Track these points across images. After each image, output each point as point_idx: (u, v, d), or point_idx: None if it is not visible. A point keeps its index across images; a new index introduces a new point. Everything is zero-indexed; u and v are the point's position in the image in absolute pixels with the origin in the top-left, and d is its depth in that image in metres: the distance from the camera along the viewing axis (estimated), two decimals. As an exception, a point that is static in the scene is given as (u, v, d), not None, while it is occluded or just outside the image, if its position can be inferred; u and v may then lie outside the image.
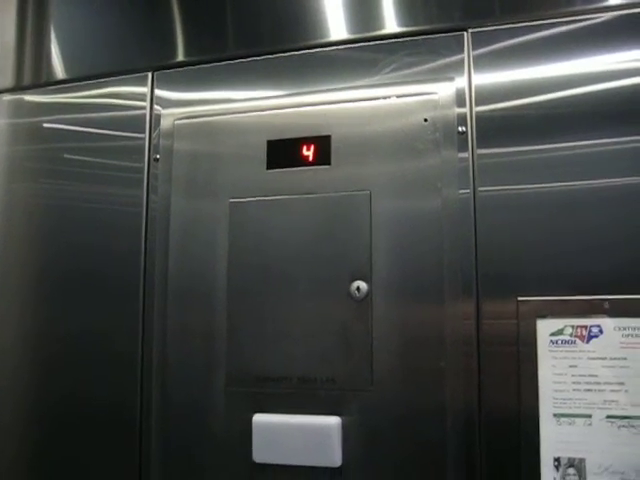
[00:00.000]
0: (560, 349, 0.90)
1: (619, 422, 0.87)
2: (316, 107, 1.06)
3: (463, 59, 1.00)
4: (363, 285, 0.98)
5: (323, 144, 1.04)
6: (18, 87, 1.28)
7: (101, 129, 1.19)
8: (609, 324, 0.89)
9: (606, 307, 0.89)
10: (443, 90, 1.00)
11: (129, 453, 1.08)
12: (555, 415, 0.89)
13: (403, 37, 1.04)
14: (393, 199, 0.99)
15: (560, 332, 0.90)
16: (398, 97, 1.02)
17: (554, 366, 0.90)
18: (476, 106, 0.99)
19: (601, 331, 0.89)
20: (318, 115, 1.05)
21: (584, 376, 0.89)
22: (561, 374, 0.90)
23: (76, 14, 1.26)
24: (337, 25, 1.09)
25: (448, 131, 0.99)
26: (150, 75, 1.17)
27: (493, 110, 0.98)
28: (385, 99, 1.03)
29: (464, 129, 0.98)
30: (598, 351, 0.89)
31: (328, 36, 1.09)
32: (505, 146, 0.97)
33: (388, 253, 0.98)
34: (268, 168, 1.06)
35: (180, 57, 1.17)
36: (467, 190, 0.97)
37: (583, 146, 0.93)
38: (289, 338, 1.01)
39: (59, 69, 1.25)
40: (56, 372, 1.15)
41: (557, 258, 0.92)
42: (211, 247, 1.06)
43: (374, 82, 1.04)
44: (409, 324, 0.96)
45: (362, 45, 1.06)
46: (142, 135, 1.16)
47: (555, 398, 0.89)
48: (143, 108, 1.17)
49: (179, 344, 1.06)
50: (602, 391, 0.88)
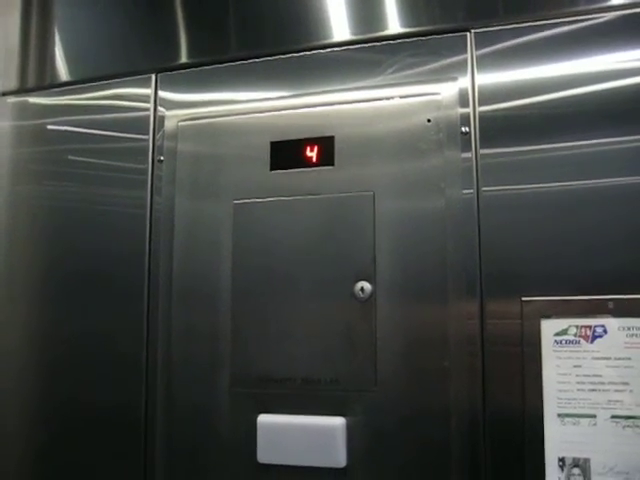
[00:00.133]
0: (564, 349, 0.90)
1: (624, 422, 0.87)
2: (319, 108, 1.06)
3: (466, 59, 1.00)
4: (367, 286, 0.98)
5: (326, 145, 1.04)
6: (22, 89, 1.28)
7: (105, 131, 1.20)
8: (613, 324, 0.88)
9: (610, 307, 0.89)
10: (446, 90, 1.00)
11: (134, 454, 1.08)
12: (559, 415, 0.89)
13: (406, 38, 1.04)
14: (397, 199, 0.99)
15: (564, 332, 0.90)
16: (401, 98, 1.02)
17: (558, 366, 0.90)
18: (479, 106, 0.99)
19: (605, 331, 0.89)
20: (321, 116, 1.05)
21: (588, 376, 0.89)
22: (565, 374, 0.89)
23: (80, 16, 1.26)
24: (340, 26, 1.09)
25: (451, 131, 0.99)
26: (154, 77, 1.18)
27: (496, 110, 0.98)
28: (388, 100, 1.03)
29: (467, 129, 0.98)
30: (602, 351, 0.88)
31: (331, 37, 1.09)
32: (509, 146, 0.97)
33: (392, 253, 0.98)
34: (272, 169, 1.06)
35: (184, 59, 1.17)
36: (470, 190, 0.97)
37: (586, 146, 0.93)
38: (293, 339, 1.01)
39: (63, 71, 1.26)
40: (61, 373, 1.15)
41: (561, 258, 0.92)
42: (215, 248, 1.07)
43: (377, 83, 1.04)
44: (413, 324, 0.96)
45: (365, 46, 1.06)
46: (146, 136, 1.16)
47: (559, 398, 0.89)
48: (147, 110, 1.17)
49: (183, 345, 1.07)
50: (606, 391, 0.88)
